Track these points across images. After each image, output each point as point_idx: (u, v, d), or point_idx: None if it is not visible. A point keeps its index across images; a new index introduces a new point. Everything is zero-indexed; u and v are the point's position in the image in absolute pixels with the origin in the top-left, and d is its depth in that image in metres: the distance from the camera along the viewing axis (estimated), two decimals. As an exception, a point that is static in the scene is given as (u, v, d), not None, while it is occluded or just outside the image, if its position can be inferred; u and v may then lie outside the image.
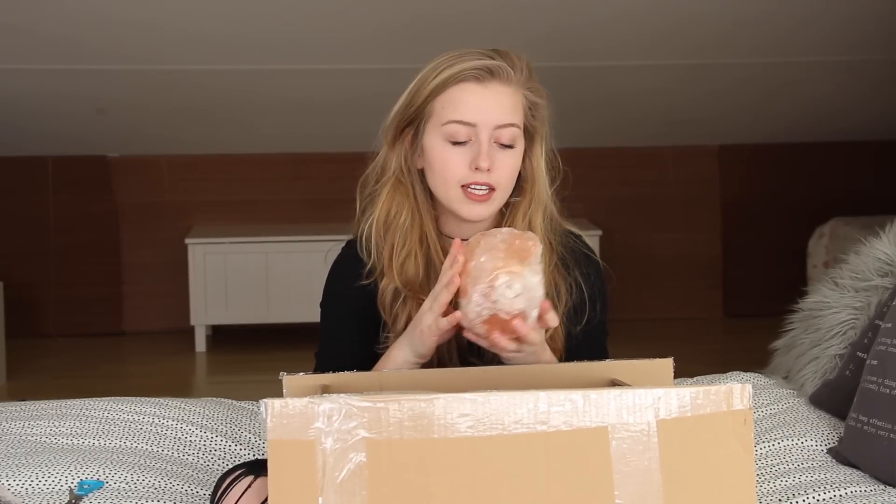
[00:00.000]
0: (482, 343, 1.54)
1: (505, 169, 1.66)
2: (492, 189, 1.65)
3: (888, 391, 1.91)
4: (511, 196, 1.73)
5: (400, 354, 1.62)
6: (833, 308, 2.30)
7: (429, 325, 1.56)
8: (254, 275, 5.09)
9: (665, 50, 4.58)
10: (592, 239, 5.10)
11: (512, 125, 1.66)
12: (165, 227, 5.38)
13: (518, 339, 1.51)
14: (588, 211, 5.38)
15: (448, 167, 1.65)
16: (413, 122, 1.70)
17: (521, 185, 1.73)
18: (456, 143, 1.65)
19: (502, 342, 1.51)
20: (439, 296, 1.55)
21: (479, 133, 1.64)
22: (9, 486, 1.87)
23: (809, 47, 4.62)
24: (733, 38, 4.50)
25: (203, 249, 5.06)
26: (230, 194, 5.45)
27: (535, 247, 1.52)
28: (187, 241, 5.08)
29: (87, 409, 2.25)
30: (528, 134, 1.71)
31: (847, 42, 4.58)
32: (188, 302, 5.08)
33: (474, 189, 1.65)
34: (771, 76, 4.88)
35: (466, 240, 1.65)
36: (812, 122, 5.35)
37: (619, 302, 5.59)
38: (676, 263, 5.63)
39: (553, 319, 1.54)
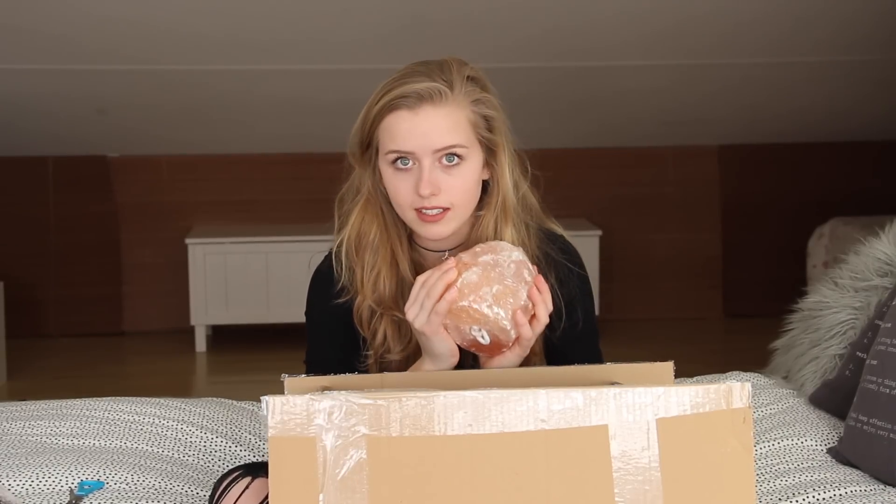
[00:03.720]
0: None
1: (454, 189, 1.63)
2: (445, 209, 1.63)
3: (888, 391, 1.91)
4: (478, 209, 1.71)
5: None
6: (833, 308, 2.30)
7: (425, 320, 1.57)
8: (254, 275, 5.09)
9: (665, 50, 4.58)
10: (592, 239, 5.10)
11: (452, 147, 1.62)
12: (165, 227, 5.38)
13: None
14: (588, 211, 5.38)
15: (398, 194, 1.64)
16: (369, 145, 1.70)
17: (487, 196, 1.71)
18: (401, 169, 1.63)
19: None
20: (432, 291, 1.57)
21: (420, 159, 1.61)
22: (9, 486, 1.87)
23: (809, 47, 4.62)
24: (733, 38, 4.50)
25: (203, 249, 5.06)
26: (230, 194, 5.45)
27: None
28: (187, 241, 5.08)
29: (87, 410, 2.25)
30: (486, 147, 1.68)
31: (847, 42, 4.58)
32: (188, 302, 5.08)
33: (426, 212, 1.63)
34: (771, 76, 4.88)
35: (444, 252, 1.71)
36: (812, 122, 5.35)
37: (618, 302, 5.63)
38: (676, 263, 5.63)
39: (543, 315, 1.58)
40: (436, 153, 1.61)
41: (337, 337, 1.74)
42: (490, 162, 1.69)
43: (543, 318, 1.58)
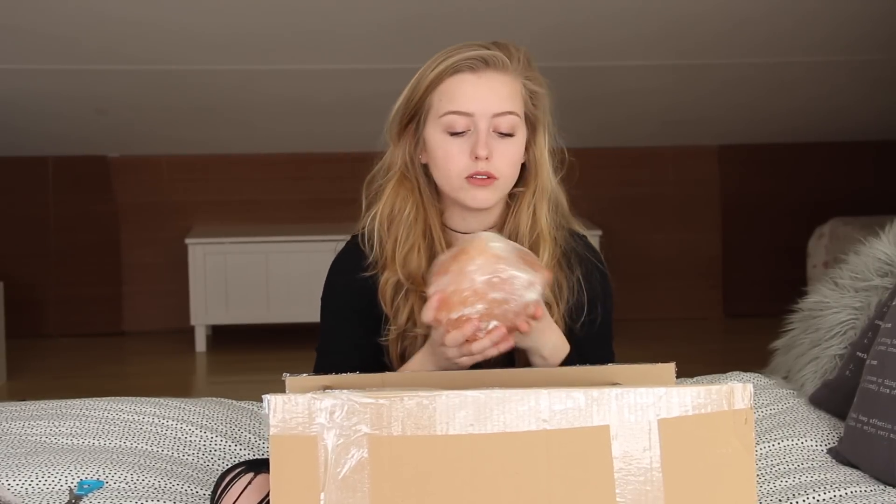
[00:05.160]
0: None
1: (504, 158, 1.66)
2: (493, 177, 1.65)
3: (888, 391, 1.91)
4: (516, 186, 1.73)
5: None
6: (833, 308, 2.30)
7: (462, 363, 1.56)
8: (254, 275, 5.09)
9: (665, 50, 4.58)
10: (592, 239, 5.07)
11: (510, 113, 1.66)
12: (165, 227, 5.38)
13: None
14: (588, 211, 5.37)
15: (449, 158, 1.66)
16: (414, 117, 1.71)
17: (525, 175, 1.73)
18: (455, 134, 1.66)
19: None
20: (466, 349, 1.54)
21: (477, 122, 1.65)
22: (9, 486, 1.87)
23: (809, 47, 4.62)
24: (733, 38, 4.50)
25: (203, 249, 5.06)
26: (230, 194, 5.45)
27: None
28: (187, 241, 5.08)
29: (87, 409, 2.25)
30: (530, 123, 1.72)
31: (847, 42, 4.58)
32: (188, 302, 5.08)
33: (477, 177, 1.65)
34: (771, 76, 4.88)
35: (468, 232, 1.70)
36: (812, 122, 5.35)
37: (618, 302, 5.60)
38: (676, 263, 5.63)
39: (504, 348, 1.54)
40: (494, 118, 1.65)
41: (354, 323, 1.73)
42: (530, 141, 1.72)
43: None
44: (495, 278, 1.51)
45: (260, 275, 5.09)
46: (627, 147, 5.55)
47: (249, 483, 1.61)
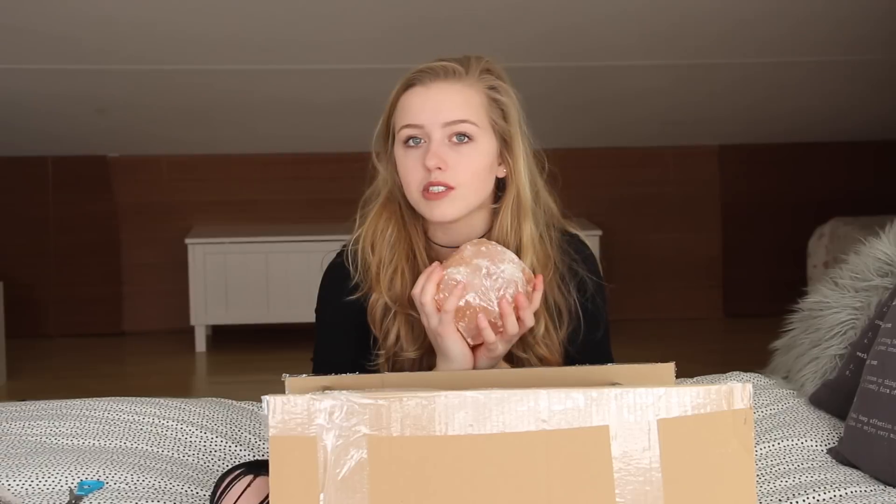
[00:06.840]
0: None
1: (460, 167, 1.63)
2: (450, 188, 1.62)
3: (888, 391, 1.91)
4: (495, 202, 1.71)
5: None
6: (833, 308, 2.30)
7: (437, 323, 1.57)
8: (254, 275, 5.09)
9: (665, 50, 4.58)
10: (592, 239, 5.09)
11: (462, 121, 1.63)
12: (165, 227, 5.38)
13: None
14: (588, 211, 5.38)
15: (407, 171, 1.64)
16: (388, 138, 1.71)
17: (504, 189, 1.71)
18: (411, 147, 1.64)
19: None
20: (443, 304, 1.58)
21: (430, 133, 1.63)
22: (9, 486, 1.87)
23: (809, 47, 4.62)
24: (733, 38, 4.50)
25: (203, 249, 5.06)
26: (230, 194, 5.45)
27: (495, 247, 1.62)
28: (187, 241, 5.08)
29: (87, 410, 2.25)
30: (501, 136, 1.68)
31: (847, 42, 4.58)
32: (188, 302, 5.08)
33: (431, 188, 1.62)
34: (771, 76, 4.88)
35: (455, 247, 1.68)
36: (812, 122, 5.35)
37: (619, 302, 5.60)
38: (676, 263, 5.63)
39: (529, 318, 1.58)
40: (445, 127, 1.63)
41: (348, 336, 1.73)
42: (505, 155, 1.69)
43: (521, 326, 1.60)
44: (483, 247, 1.60)
45: (260, 275, 5.09)
46: (628, 147, 5.55)
47: (249, 485, 1.61)
